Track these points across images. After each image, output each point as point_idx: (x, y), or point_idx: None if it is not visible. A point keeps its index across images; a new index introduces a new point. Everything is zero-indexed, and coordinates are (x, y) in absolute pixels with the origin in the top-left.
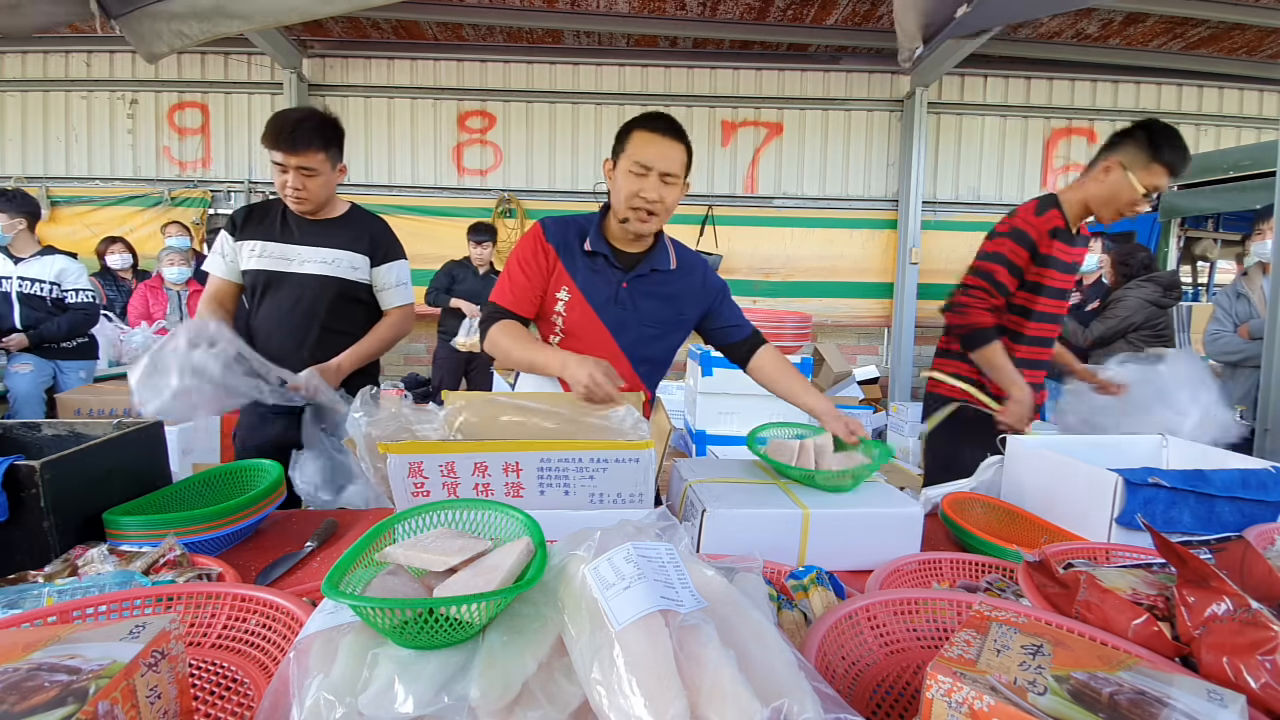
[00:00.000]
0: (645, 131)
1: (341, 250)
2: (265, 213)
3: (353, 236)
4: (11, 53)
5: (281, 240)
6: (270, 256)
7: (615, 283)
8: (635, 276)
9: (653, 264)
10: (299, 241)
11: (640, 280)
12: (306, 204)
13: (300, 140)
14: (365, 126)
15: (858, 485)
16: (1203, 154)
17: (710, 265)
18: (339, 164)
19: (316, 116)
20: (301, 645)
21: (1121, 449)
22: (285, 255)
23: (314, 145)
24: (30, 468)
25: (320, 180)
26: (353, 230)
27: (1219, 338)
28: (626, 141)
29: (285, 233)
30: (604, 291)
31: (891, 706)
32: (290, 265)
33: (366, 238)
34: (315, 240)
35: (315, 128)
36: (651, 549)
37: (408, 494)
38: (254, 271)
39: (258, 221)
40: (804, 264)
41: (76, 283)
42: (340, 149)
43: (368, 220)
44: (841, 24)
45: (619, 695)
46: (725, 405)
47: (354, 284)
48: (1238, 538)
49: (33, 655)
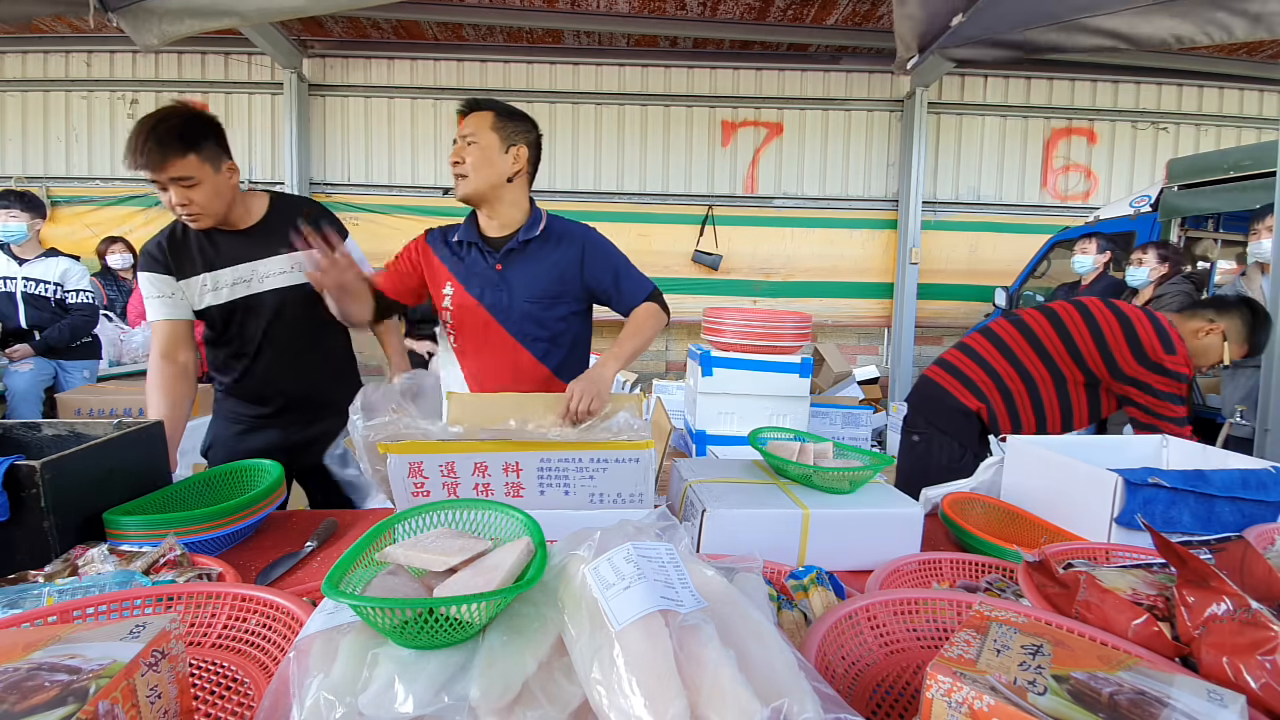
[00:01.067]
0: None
1: (290, 253)
2: (185, 239)
3: (277, 237)
4: (11, 53)
5: (225, 265)
6: (225, 286)
7: (489, 267)
8: (506, 253)
9: (520, 236)
10: (243, 259)
11: (511, 255)
12: (202, 219)
13: (160, 150)
14: (365, 126)
15: (857, 489)
16: (1203, 154)
17: (594, 233)
18: (225, 163)
19: (175, 116)
20: (301, 645)
21: (1121, 449)
22: (241, 278)
23: (176, 151)
24: (31, 468)
25: (205, 189)
26: (276, 229)
27: None
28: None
29: (222, 253)
30: (480, 279)
31: (891, 706)
32: (250, 287)
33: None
34: (259, 251)
35: (173, 131)
36: (651, 549)
37: (408, 494)
38: (217, 306)
39: (183, 253)
40: (804, 264)
41: (79, 284)
42: (219, 144)
43: (295, 207)
44: (841, 24)
45: (619, 695)
46: (725, 405)
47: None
48: (1238, 538)
49: (33, 655)
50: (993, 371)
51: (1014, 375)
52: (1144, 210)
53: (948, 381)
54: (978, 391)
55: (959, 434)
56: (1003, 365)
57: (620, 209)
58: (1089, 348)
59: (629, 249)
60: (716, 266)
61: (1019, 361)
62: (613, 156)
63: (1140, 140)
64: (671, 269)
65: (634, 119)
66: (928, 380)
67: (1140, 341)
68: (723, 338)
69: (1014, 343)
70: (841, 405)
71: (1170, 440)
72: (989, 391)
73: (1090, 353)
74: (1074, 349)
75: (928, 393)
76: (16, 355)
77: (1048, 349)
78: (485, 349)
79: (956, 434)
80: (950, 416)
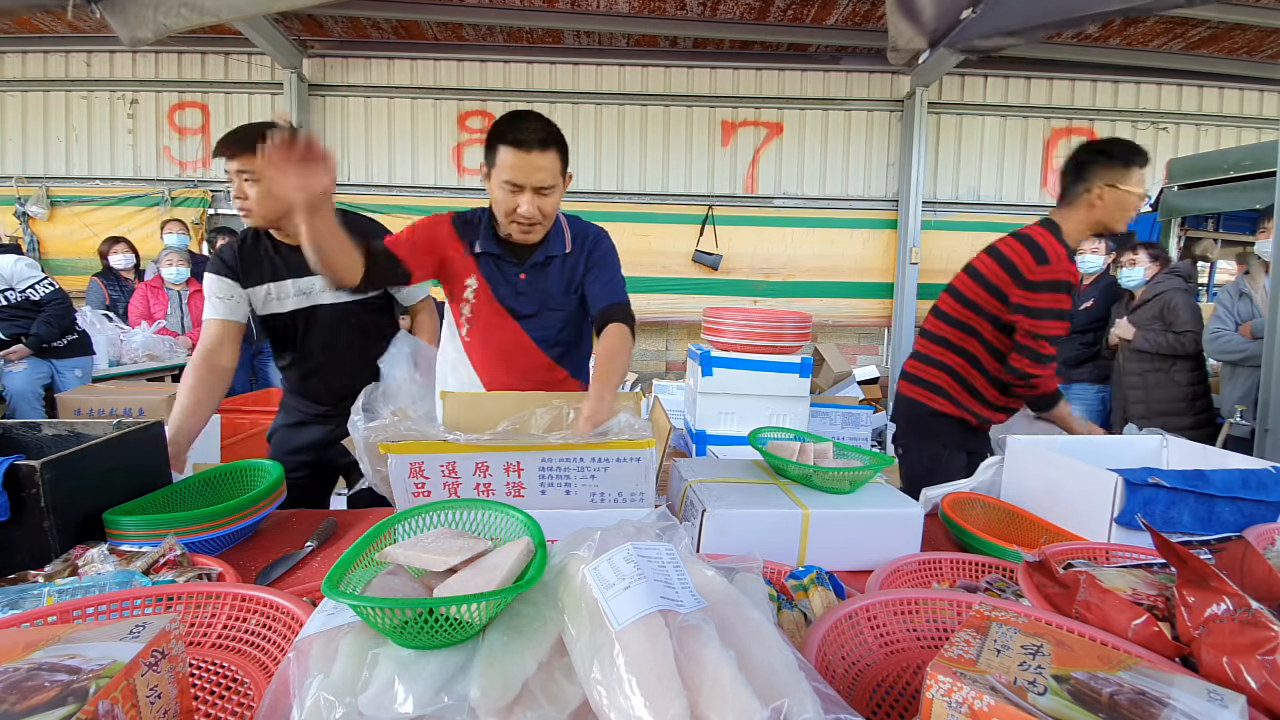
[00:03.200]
0: (511, 149)
1: None
2: (255, 248)
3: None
4: (12, 53)
5: (289, 276)
6: (289, 297)
7: (514, 275)
8: (530, 266)
9: (548, 251)
10: (306, 272)
11: (536, 269)
12: (251, 215)
13: (238, 144)
14: (365, 126)
15: (857, 489)
16: (1203, 154)
17: (605, 235)
18: None
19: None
20: (301, 645)
21: (1121, 449)
22: (302, 290)
23: (247, 149)
24: (30, 468)
25: (260, 188)
26: None
27: (1220, 336)
28: (495, 154)
29: (288, 266)
30: (505, 284)
31: (892, 706)
32: (311, 299)
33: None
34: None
35: (255, 131)
36: (651, 549)
37: (408, 494)
38: (279, 315)
39: (254, 262)
40: (804, 264)
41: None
42: None
43: (359, 225)
44: (841, 24)
45: (619, 695)
46: (725, 405)
47: (355, 305)
48: (1238, 538)
49: (33, 655)
50: (937, 362)
51: (952, 354)
52: (1144, 210)
53: (911, 390)
54: (934, 389)
55: (936, 436)
56: (942, 350)
57: (620, 209)
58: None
59: (629, 249)
60: (716, 266)
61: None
62: (613, 156)
63: (1140, 140)
64: (671, 269)
65: (634, 119)
66: (898, 394)
67: (1016, 266)
68: (723, 338)
69: (952, 310)
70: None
71: (1170, 440)
72: (942, 383)
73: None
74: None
75: (900, 407)
76: (12, 356)
77: (978, 304)
78: (499, 344)
79: (933, 436)
80: (922, 422)
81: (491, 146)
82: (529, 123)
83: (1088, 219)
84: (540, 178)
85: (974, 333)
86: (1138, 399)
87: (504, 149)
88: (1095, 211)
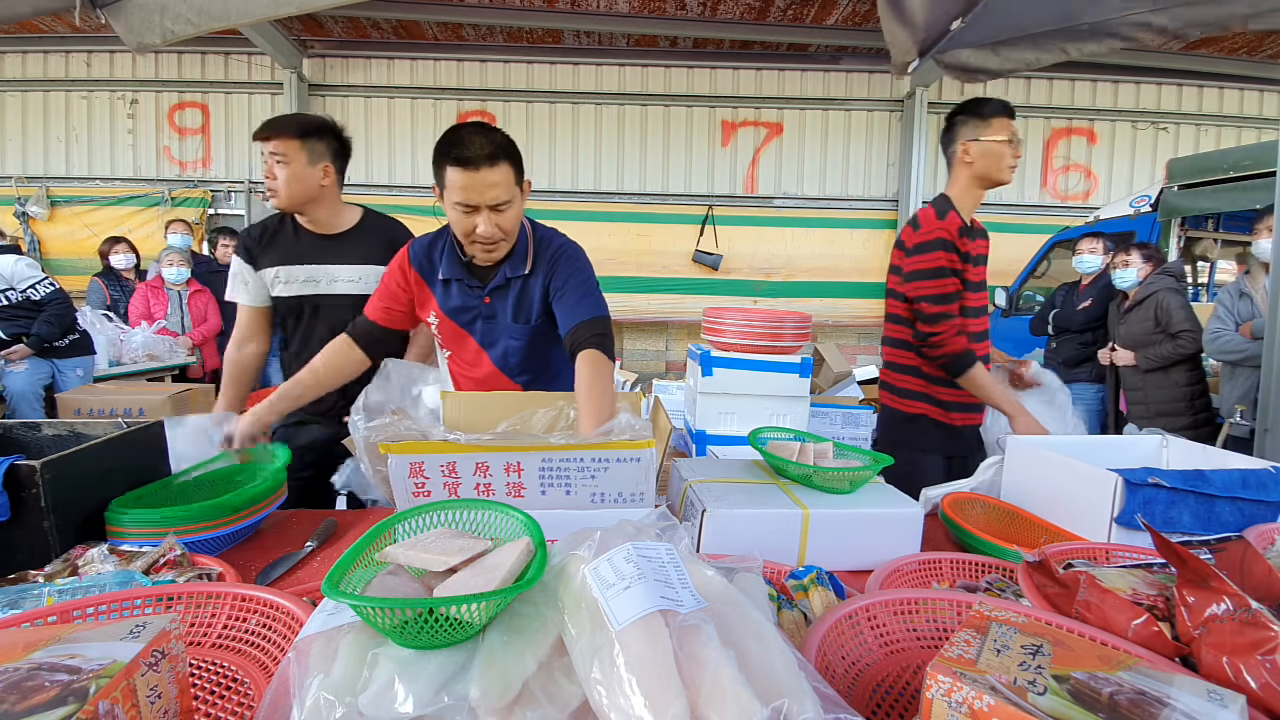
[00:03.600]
0: (458, 168)
1: (364, 265)
2: (278, 232)
3: (371, 247)
4: (12, 53)
5: (302, 261)
6: (296, 281)
7: (477, 299)
8: (493, 289)
9: (507, 272)
10: (320, 260)
11: (498, 291)
12: (277, 197)
13: (277, 126)
14: (365, 126)
15: (857, 489)
16: (1203, 154)
17: (568, 249)
18: (321, 163)
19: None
20: (301, 645)
21: (1121, 449)
22: (312, 277)
23: (288, 132)
24: (31, 467)
25: (290, 171)
26: (369, 240)
27: (1220, 336)
28: (443, 175)
29: (304, 252)
30: (467, 311)
31: (892, 706)
32: (319, 287)
33: (387, 246)
34: (335, 257)
35: (294, 118)
36: (651, 549)
37: (409, 494)
38: (286, 299)
39: (271, 245)
40: (804, 264)
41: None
42: (324, 148)
43: (383, 226)
44: (841, 24)
45: (619, 695)
46: (725, 405)
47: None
48: (1238, 538)
49: (33, 655)
50: (899, 366)
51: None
52: (1144, 210)
53: (887, 399)
54: (903, 393)
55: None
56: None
57: (620, 209)
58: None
59: (629, 249)
60: (717, 266)
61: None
62: (613, 156)
63: (1140, 140)
64: (671, 269)
65: (634, 119)
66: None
67: (902, 242)
68: (723, 338)
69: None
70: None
71: (1170, 440)
72: (908, 384)
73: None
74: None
75: (880, 416)
76: (14, 356)
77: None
78: (469, 371)
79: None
80: (897, 427)
81: (438, 166)
82: (473, 137)
83: (968, 177)
84: (494, 194)
85: (908, 322)
86: (1137, 400)
87: (451, 169)
88: (972, 168)
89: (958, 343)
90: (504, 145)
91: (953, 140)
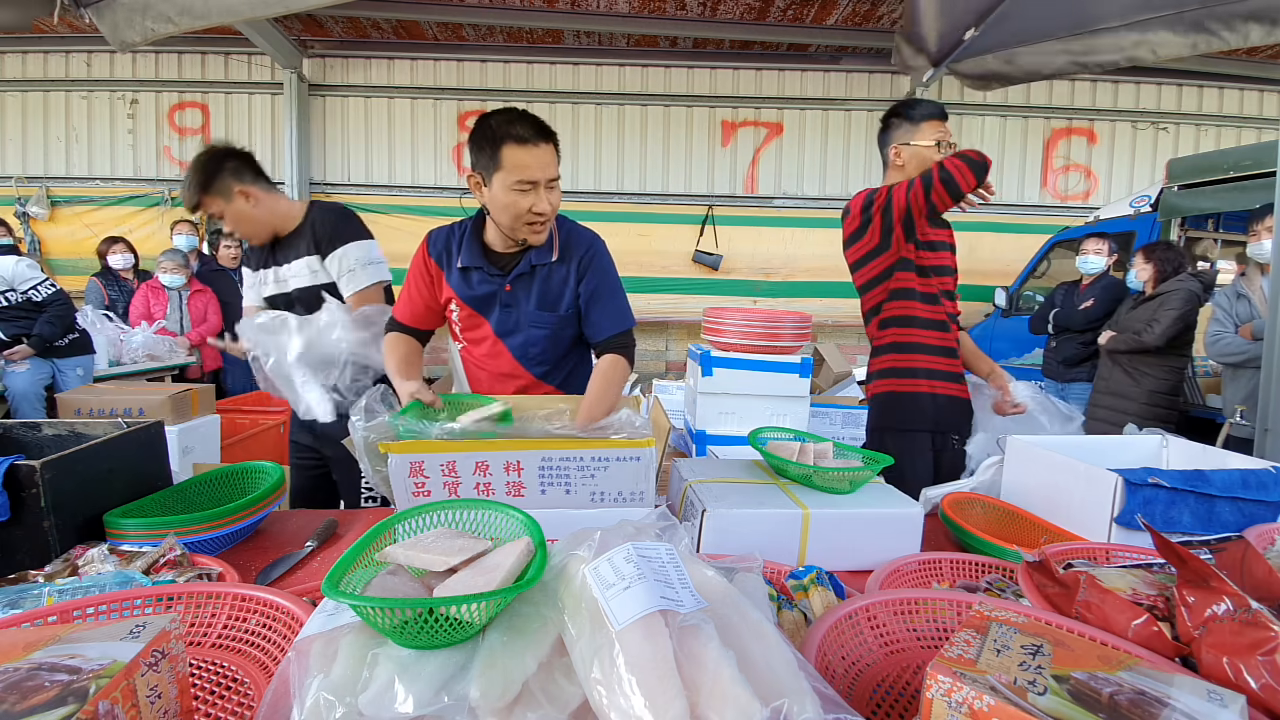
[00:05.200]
0: (519, 146)
1: (296, 260)
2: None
3: (304, 241)
4: (12, 53)
5: (269, 265)
6: (270, 284)
7: (498, 288)
8: (515, 277)
9: (532, 260)
10: (275, 263)
11: (521, 279)
12: (250, 239)
13: (187, 198)
14: (365, 126)
15: (857, 489)
16: (1203, 154)
17: (599, 247)
18: (237, 188)
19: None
20: (301, 645)
21: (1121, 449)
22: (277, 278)
23: (197, 195)
24: (31, 468)
25: (228, 218)
26: (303, 234)
27: (1220, 339)
28: (499, 157)
29: (269, 256)
30: (487, 300)
31: (892, 706)
32: (280, 286)
33: (310, 235)
34: (287, 255)
35: (191, 181)
36: (651, 549)
37: (409, 494)
38: (266, 300)
39: (255, 251)
40: (804, 264)
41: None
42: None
43: (312, 215)
44: (841, 24)
45: (619, 695)
46: (725, 405)
47: (317, 288)
48: (1238, 538)
49: (33, 655)
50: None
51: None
52: (1144, 210)
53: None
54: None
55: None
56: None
57: (620, 209)
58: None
59: (629, 249)
60: (717, 266)
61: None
62: (613, 156)
63: (1140, 140)
64: (671, 269)
65: (634, 119)
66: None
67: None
68: (723, 338)
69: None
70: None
71: (1170, 440)
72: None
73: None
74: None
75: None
76: (16, 356)
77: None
78: (486, 362)
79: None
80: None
81: (489, 150)
82: (525, 117)
83: (901, 178)
84: (551, 170)
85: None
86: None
87: (510, 148)
88: (903, 171)
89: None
90: (548, 126)
91: (885, 144)
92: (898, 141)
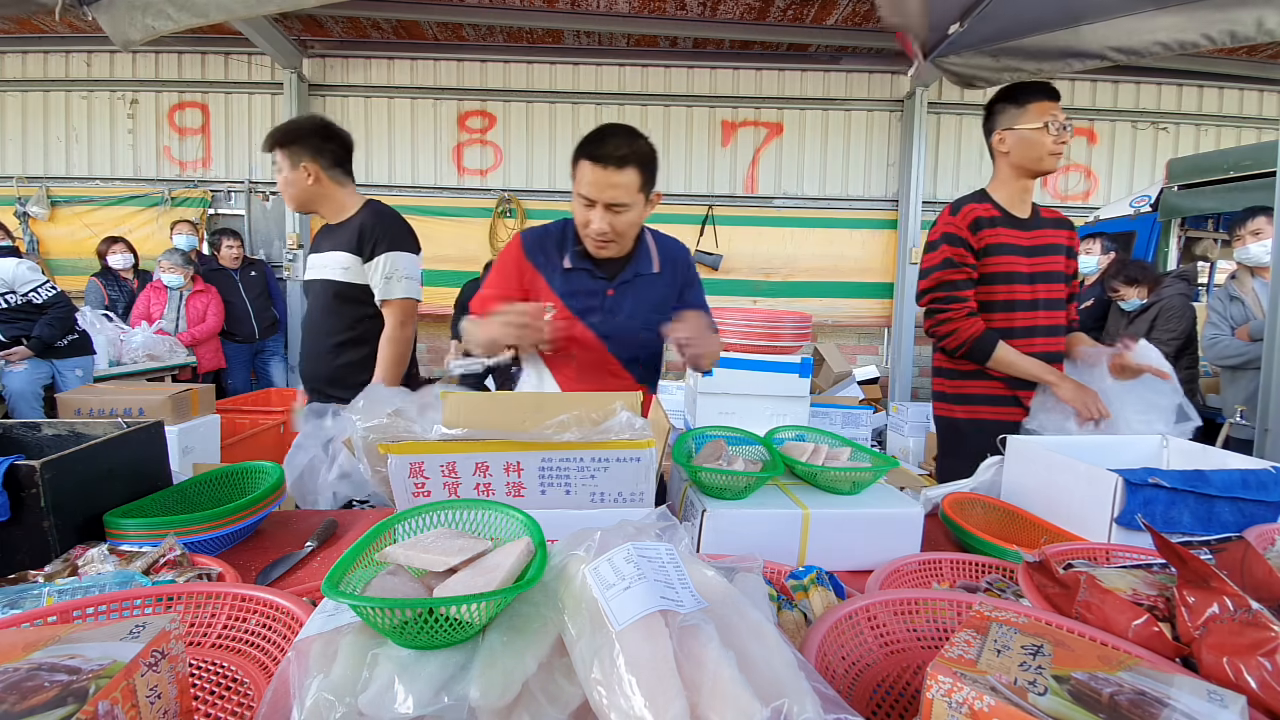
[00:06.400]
0: (589, 163)
1: (333, 252)
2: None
3: (347, 236)
4: (12, 53)
5: (313, 251)
6: (309, 269)
7: (600, 291)
8: (620, 283)
9: (637, 269)
10: (316, 250)
11: (625, 286)
12: (289, 204)
13: (268, 137)
14: (365, 126)
15: (859, 491)
16: (1203, 154)
17: (688, 256)
18: (305, 161)
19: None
20: (301, 645)
21: (1121, 449)
22: (313, 264)
23: (272, 143)
24: (31, 468)
25: (282, 177)
26: (349, 229)
27: (1217, 342)
28: (576, 167)
29: (316, 242)
30: (589, 302)
31: (892, 706)
32: (312, 273)
33: (355, 233)
34: (321, 245)
35: (278, 129)
36: (651, 549)
37: (408, 494)
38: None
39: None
40: (804, 264)
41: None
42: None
43: (363, 215)
44: (841, 24)
45: (619, 695)
46: (725, 405)
47: (344, 285)
48: (1238, 538)
49: (33, 655)
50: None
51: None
52: (1144, 210)
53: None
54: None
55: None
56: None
57: None
58: None
59: None
60: (717, 266)
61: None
62: None
63: (1140, 140)
64: None
65: (634, 119)
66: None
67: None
68: (723, 338)
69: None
70: (841, 405)
71: (1170, 440)
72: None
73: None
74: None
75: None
76: (14, 357)
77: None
78: (583, 362)
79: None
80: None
81: (576, 158)
82: (613, 139)
83: (1007, 167)
84: (613, 194)
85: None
86: None
87: (583, 163)
88: (1009, 158)
89: (970, 325)
90: (640, 152)
91: (991, 130)
92: (1002, 127)
